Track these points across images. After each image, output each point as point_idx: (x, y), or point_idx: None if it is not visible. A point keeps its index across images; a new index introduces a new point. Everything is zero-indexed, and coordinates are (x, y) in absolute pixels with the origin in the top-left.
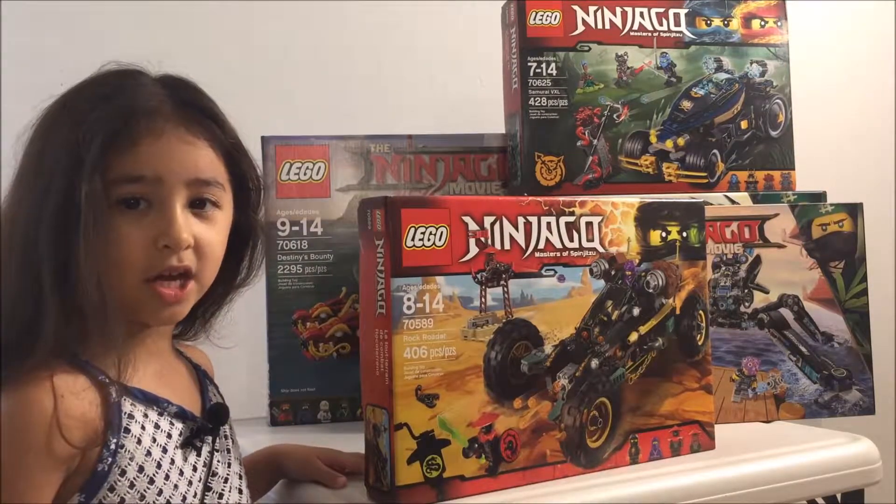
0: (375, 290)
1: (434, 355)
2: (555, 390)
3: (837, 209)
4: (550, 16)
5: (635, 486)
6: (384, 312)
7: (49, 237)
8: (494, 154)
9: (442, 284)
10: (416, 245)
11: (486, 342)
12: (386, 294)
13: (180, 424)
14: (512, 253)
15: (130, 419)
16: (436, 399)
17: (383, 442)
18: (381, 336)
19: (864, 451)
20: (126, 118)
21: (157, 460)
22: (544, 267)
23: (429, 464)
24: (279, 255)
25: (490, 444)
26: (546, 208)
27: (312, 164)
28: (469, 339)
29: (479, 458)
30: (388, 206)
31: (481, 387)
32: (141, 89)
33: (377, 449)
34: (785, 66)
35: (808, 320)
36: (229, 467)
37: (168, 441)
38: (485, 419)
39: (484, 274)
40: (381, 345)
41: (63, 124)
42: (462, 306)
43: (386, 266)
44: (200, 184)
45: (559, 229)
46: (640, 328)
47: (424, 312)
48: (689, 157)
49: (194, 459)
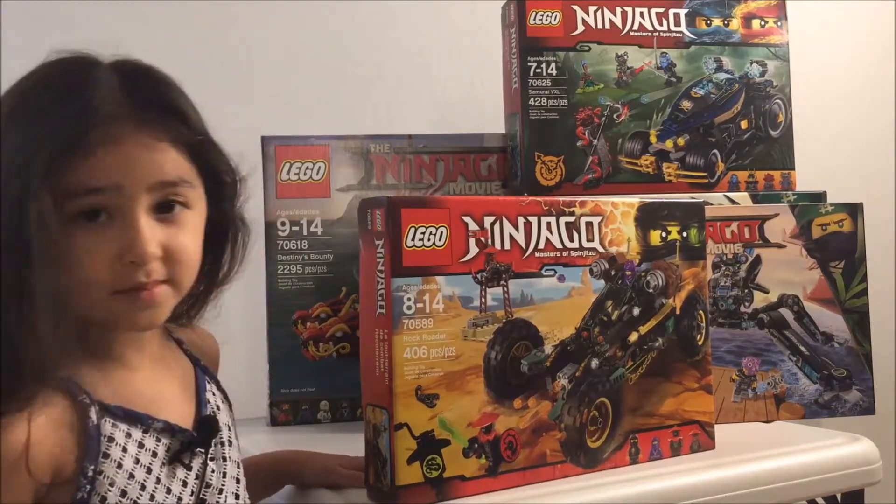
0: (375, 290)
1: (434, 355)
2: (555, 390)
3: (837, 209)
4: (550, 16)
5: (635, 486)
6: (384, 312)
7: (5, 263)
8: (494, 154)
9: (442, 284)
10: (417, 245)
11: (486, 342)
12: (386, 294)
13: (167, 440)
14: (512, 253)
15: (110, 442)
16: (436, 399)
17: (383, 442)
18: (381, 336)
19: (864, 451)
20: (79, 127)
21: (140, 482)
22: (544, 267)
23: (429, 464)
24: (279, 255)
25: (490, 444)
26: (546, 208)
27: (312, 164)
28: (469, 339)
29: (480, 458)
30: (389, 206)
31: (481, 387)
32: (94, 89)
33: (377, 449)
34: (785, 66)
35: (808, 320)
36: (224, 476)
37: (153, 460)
38: (485, 419)
39: (484, 274)
40: (381, 345)
41: (7, 138)
42: (462, 306)
43: (386, 266)
44: (165, 186)
45: (559, 229)
46: (640, 328)
47: (424, 312)
48: (689, 157)
49: (184, 474)
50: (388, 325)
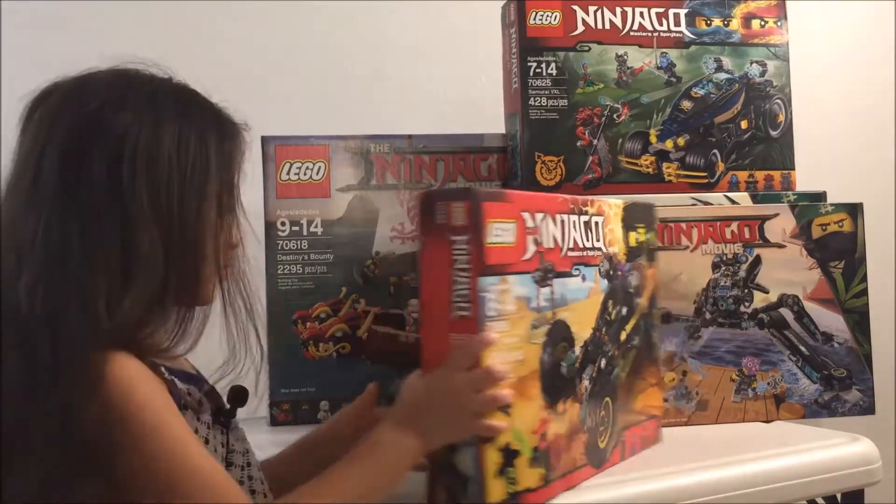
0: (452, 290)
1: (507, 360)
2: (580, 392)
3: (837, 209)
4: (550, 16)
5: (635, 486)
6: (469, 315)
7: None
8: (494, 154)
9: (513, 284)
10: (496, 241)
11: (540, 344)
12: (472, 295)
13: (209, 403)
14: (554, 252)
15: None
16: (509, 407)
17: (465, 458)
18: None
19: (864, 451)
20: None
21: (203, 435)
22: (574, 266)
23: (508, 477)
24: (279, 255)
25: (545, 451)
26: (572, 206)
27: (312, 164)
28: (531, 341)
29: (539, 467)
30: (473, 198)
31: (538, 391)
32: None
33: (451, 467)
34: (785, 66)
35: (808, 320)
36: (244, 443)
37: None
38: (541, 426)
39: (539, 273)
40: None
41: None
42: (526, 307)
43: (471, 264)
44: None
45: (581, 228)
46: (627, 327)
47: (502, 314)
48: (689, 157)
49: (220, 434)
50: (472, 329)
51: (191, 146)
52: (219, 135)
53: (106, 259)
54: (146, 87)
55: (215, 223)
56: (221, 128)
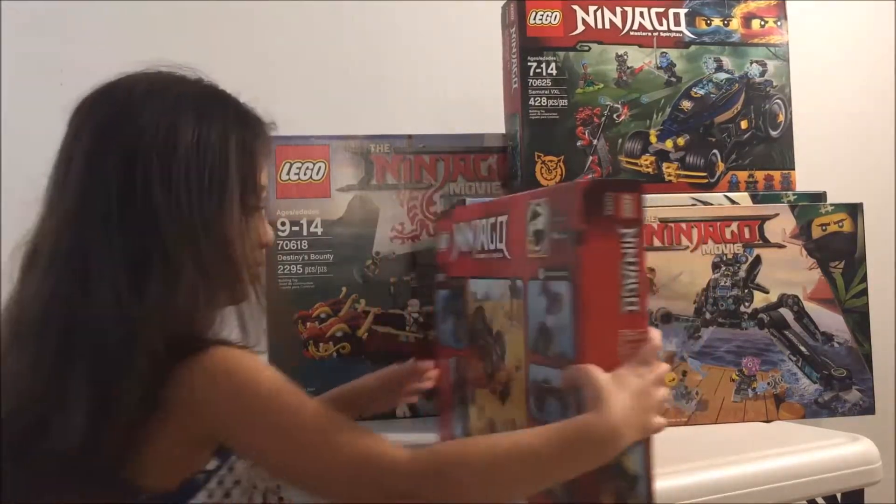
0: (621, 284)
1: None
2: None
3: (837, 209)
4: (550, 16)
5: None
6: (638, 309)
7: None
8: (494, 154)
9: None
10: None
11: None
12: (641, 290)
13: None
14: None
15: None
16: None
17: (633, 458)
18: (633, 337)
19: (864, 451)
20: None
21: None
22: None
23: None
24: (279, 255)
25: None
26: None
27: (312, 164)
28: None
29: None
30: (640, 189)
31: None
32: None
33: (620, 468)
34: (785, 66)
35: (808, 320)
36: None
37: None
38: None
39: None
40: (631, 346)
41: (233, 132)
42: None
43: (640, 258)
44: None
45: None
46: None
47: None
48: (689, 157)
49: None
50: (641, 324)
51: (209, 147)
52: (241, 136)
53: (128, 262)
54: (171, 89)
55: (240, 222)
56: (245, 129)
